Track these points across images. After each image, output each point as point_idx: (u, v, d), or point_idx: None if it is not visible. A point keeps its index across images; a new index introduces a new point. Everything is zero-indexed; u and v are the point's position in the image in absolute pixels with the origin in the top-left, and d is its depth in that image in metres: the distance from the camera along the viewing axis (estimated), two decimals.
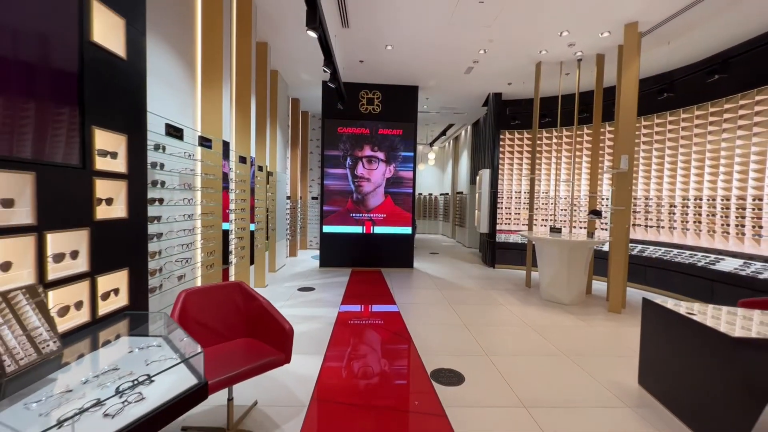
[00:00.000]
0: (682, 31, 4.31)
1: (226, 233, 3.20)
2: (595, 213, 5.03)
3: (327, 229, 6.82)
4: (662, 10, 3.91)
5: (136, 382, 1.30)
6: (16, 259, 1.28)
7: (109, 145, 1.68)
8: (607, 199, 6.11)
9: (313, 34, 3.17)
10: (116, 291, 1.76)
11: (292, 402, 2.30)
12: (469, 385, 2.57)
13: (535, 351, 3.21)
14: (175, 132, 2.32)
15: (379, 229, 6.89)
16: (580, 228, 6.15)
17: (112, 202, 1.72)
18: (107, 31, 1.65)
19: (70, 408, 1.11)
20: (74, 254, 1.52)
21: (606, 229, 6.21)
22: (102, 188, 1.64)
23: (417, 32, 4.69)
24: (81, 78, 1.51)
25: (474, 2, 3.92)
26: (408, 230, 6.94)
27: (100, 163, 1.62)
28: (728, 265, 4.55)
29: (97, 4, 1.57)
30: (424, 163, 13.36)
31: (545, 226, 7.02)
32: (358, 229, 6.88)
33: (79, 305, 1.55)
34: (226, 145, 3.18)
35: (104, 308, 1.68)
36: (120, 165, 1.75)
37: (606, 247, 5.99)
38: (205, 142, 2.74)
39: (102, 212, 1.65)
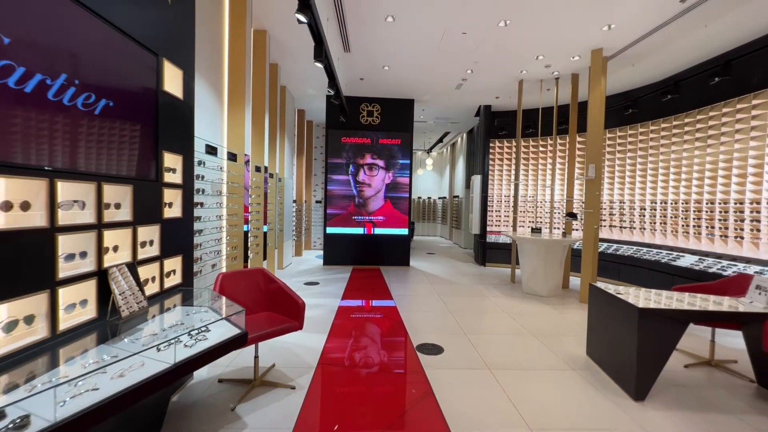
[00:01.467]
0: (643, 55, 4.90)
1: (246, 233, 3.80)
2: (571, 215, 5.60)
3: (330, 230, 7.43)
4: (622, 38, 4.50)
5: (200, 330, 1.89)
6: (121, 244, 1.88)
7: (171, 164, 2.28)
8: (582, 202, 6.68)
9: (319, 65, 3.79)
10: (174, 272, 2.36)
11: (302, 365, 2.89)
12: (446, 354, 3.15)
13: (507, 331, 3.78)
14: (211, 150, 2.92)
15: (378, 231, 7.48)
16: (561, 229, 6.71)
17: (172, 206, 2.32)
18: (171, 80, 2.26)
19: (159, 342, 1.69)
20: (151, 243, 2.12)
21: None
22: (167, 195, 2.25)
23: (410, 56, 5.31)
24: (157, 117, 2.12)
25: (458, 33, 4.53)
26: (405, 231, 7.53)
27: (167, 177, 2.23)
28: (686, 261, 5.11)
29: (167, 63, 2.19)
30: (423, 168, 13.95)
31: (530, 227, 7.57)
32: (359, 231, 7.48)
33: (153, 279, 2.15)
34: (246, 158, 3.79)
35: (167, 283, 2.28)
36: (178, 178, 2.35)
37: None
38: (231, 156, 3.35)
39: (167, 213, 2.25)
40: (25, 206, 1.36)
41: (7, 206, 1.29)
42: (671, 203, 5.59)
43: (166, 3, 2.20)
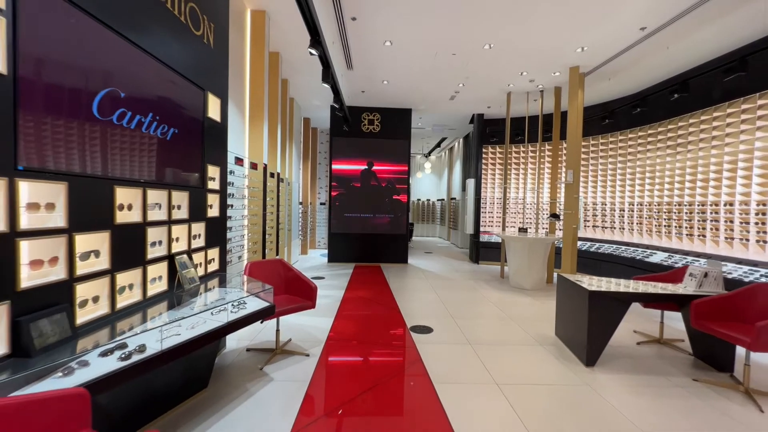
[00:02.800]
0: (617, 71, 5.46)
1: (263, 231, 4.39)
2: (554, 216, 6.16)
3: (334, 230, 8.01)
4: (595, 58, 5.08)
5: (240, 301, 2.47)
6: (181, 236, 2.47)
7: (212, 173, 2.87)
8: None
9: (326, 86, 4.38)
10: (213, 260, 2.94)
11: (314, 340, 3.46)
12: (435, 333, 3.71)
13: (490, 316, 4.34)
14: (238, 161, 3.51)
15: (379, 231, 8.06)
16: (547, 229, 7.26)
17: (212, 207, 2.91)
18: (213, 108, 2.85)
19: (212, 308, 2.26)
20: (199, 236, 2.70)
21: None
22: (209, 199, 2.83)
23: (407, 72, 5.90)
24: (203, 138, 2.71)
25: (448, 54, 5.12)
26: (404, 231, 8.11)
27: (209, 185, 2.81)
28: (658, 258, 5.65)
29: (210, 95, 2.78)
30: (422, 171, 14.51)
31: (518, 227, 8.13)
32: (361, 231, 8.06)
33: (200, 265, 2.73)
34: (264, 166, 4.37)
35: (209, 269, 2.86)
36: (216, 185, 2.94)
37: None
38: (253, 165, 3.94)
39: (209, 213, 2.83)
40: (130, 207, 1.94)
41: (121, 207, 1.88)
42: (646, 205, 6.15)
43: (210, 47, 2.80)
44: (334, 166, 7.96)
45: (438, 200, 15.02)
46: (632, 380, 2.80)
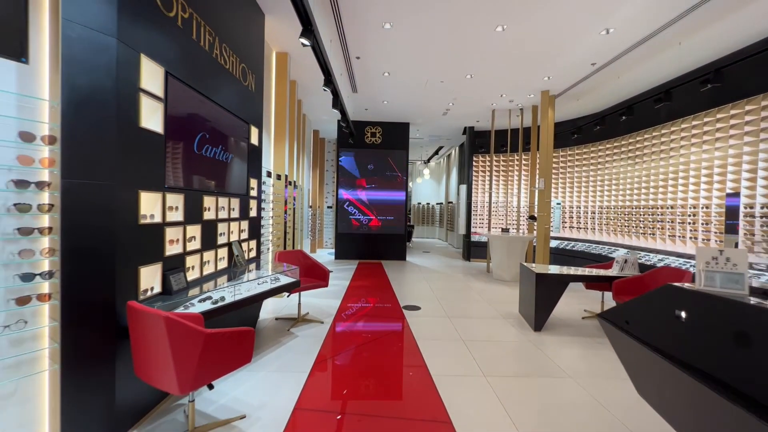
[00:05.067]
0: (583, 93, 6.41)
1: (284, 230, 5.39)
2: (532, 218, 7.09)
3: (340, 230, 8.99)
4: (560, 84, 6.03)
5: (275, 277, 3.45)
6: (234, 230, 3.45)
7: (252, 185, 3.86)
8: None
9: (336, 111, 5.37)
10: (252, 249, 3.93)
11: (326, 314, 4.42)
12: (422, 310, 4.66)
13: (469, 299, 5.28)
14: (269, 174, 4.52)
15: (380, 232, 9.02)
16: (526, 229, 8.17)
17: (252, 210, 3.89)
18: (253, 135, 3.84)
19: (257, 279, 3.23)
20: (244, 231, 3.69)
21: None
22: (251, 204, 3.82)
23: (403, 94, 6.88)
24: (248, 159, 3.70)
25: (437, 82, 6.10)
26: (402, 232, 9.07)
27: (251, 193, 3.80)
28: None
29: (252, 126, 3.77)
30: (421, 177, 15.47)
31: (500, 228, 9.03)
32: (364, 232, 9.03)
33: (244, 253, 3.71)
34: (286, 177, 5.38)
35: (250, 255, 3.84)
36: (255, 193, 3.93)
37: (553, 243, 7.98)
38: (278, 177, 4.95)
39: (251, 214, 3.82)
40: (209, 209, 2.93)
41: (204, 209, 2.86)
42: (612, 208, 7.06)
43: (252, 91, 3.80)
44: (340, 170, 8.94)
45: (437, 204, 15.95)
46: (566, 340, 3.73)
